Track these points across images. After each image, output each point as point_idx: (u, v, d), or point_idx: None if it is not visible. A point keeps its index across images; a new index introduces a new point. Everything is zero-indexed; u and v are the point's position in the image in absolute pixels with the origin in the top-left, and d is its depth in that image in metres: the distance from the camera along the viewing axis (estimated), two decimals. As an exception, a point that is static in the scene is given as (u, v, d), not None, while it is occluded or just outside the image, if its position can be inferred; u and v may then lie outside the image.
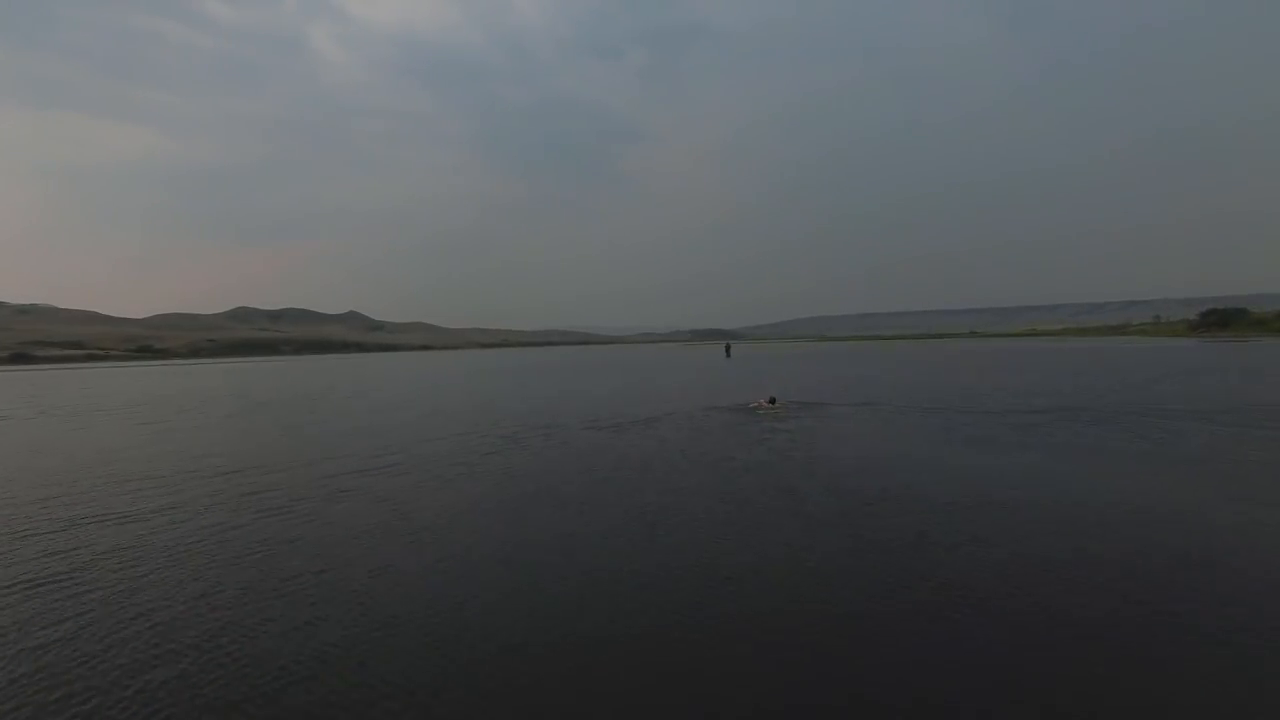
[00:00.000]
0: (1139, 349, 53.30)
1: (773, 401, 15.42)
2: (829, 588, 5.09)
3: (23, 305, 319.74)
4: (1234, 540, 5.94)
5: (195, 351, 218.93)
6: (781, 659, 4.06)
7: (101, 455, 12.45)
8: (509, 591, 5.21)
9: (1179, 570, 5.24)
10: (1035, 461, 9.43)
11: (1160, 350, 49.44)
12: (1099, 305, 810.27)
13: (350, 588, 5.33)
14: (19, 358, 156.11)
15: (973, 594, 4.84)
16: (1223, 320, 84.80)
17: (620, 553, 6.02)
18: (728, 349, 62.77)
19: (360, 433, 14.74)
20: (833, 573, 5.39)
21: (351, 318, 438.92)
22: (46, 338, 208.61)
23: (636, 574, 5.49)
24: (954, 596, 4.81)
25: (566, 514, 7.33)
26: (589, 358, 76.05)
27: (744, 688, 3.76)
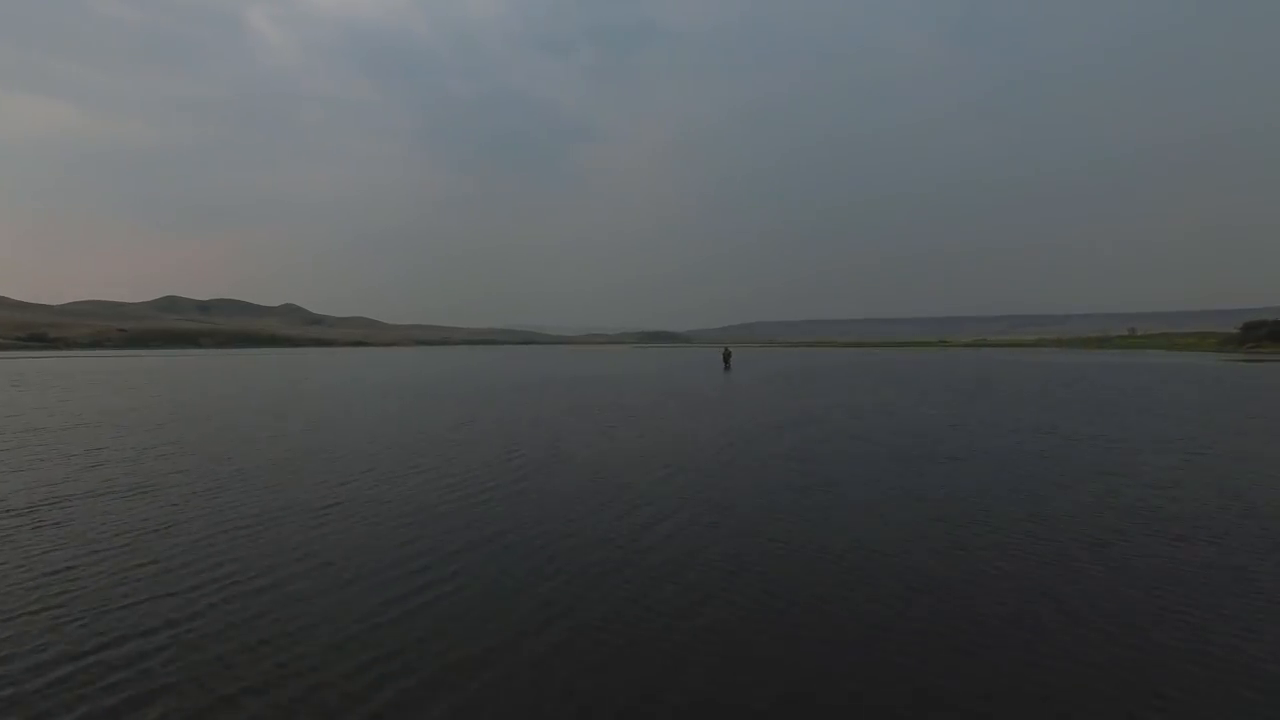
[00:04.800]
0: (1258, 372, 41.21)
1: None
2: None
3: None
4: None
5: (99, 342, 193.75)
6: None
7: None
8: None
9: None
10: None
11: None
12: (1036, 317, 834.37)
13: None
14: None
15: None
16: (1276, 334, 73.30)
17: None
18: (726, 358, 48.01)
19: None
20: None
21: (288, 310, 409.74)
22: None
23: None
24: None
25: None
26: (532, 364, 60.83)
27: None
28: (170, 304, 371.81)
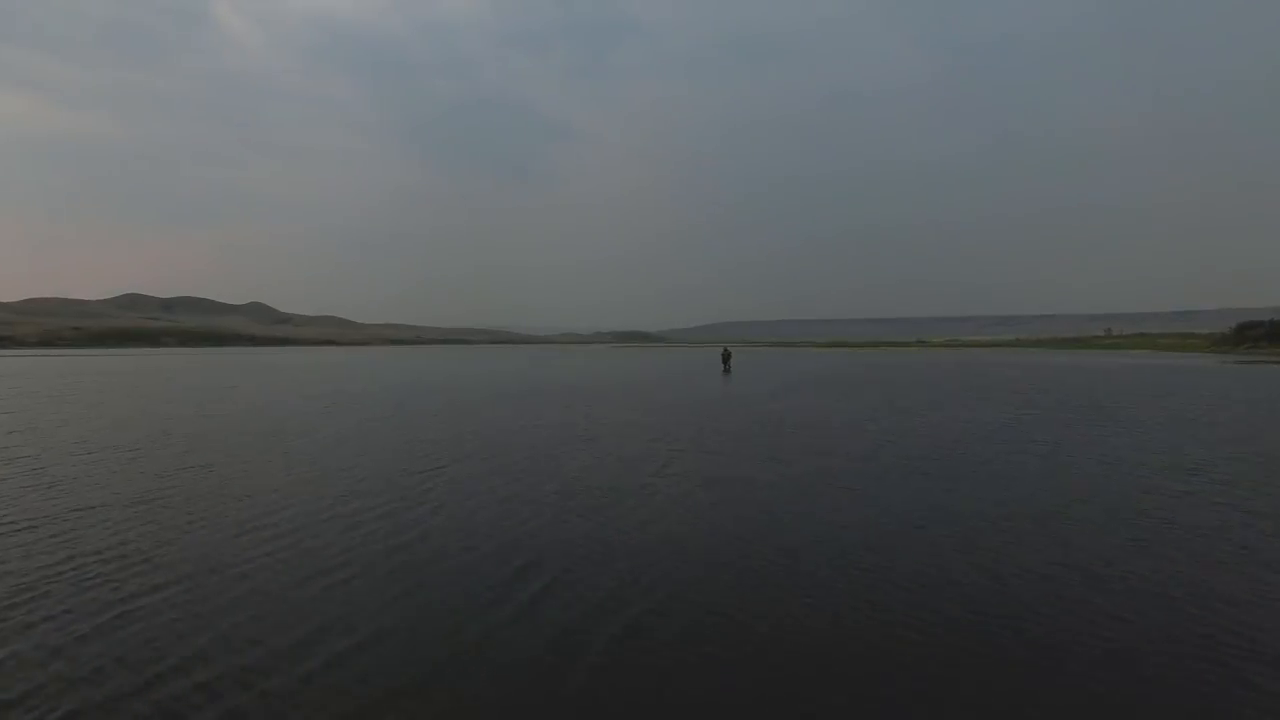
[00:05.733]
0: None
1: None
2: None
3: None
4: None
5: (50, 341, 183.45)
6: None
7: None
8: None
9: None
10: None
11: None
12: (1005, 318, 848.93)
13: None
14: None
15: None
16: (1275, 334, 70.93)
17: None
18: (726, 360, 43.47)
19: None
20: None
21: (254, 309, 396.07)
22: None
23: None
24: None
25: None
26: (513, 367, 56.40)
27: None
28: (131, 302, 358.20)
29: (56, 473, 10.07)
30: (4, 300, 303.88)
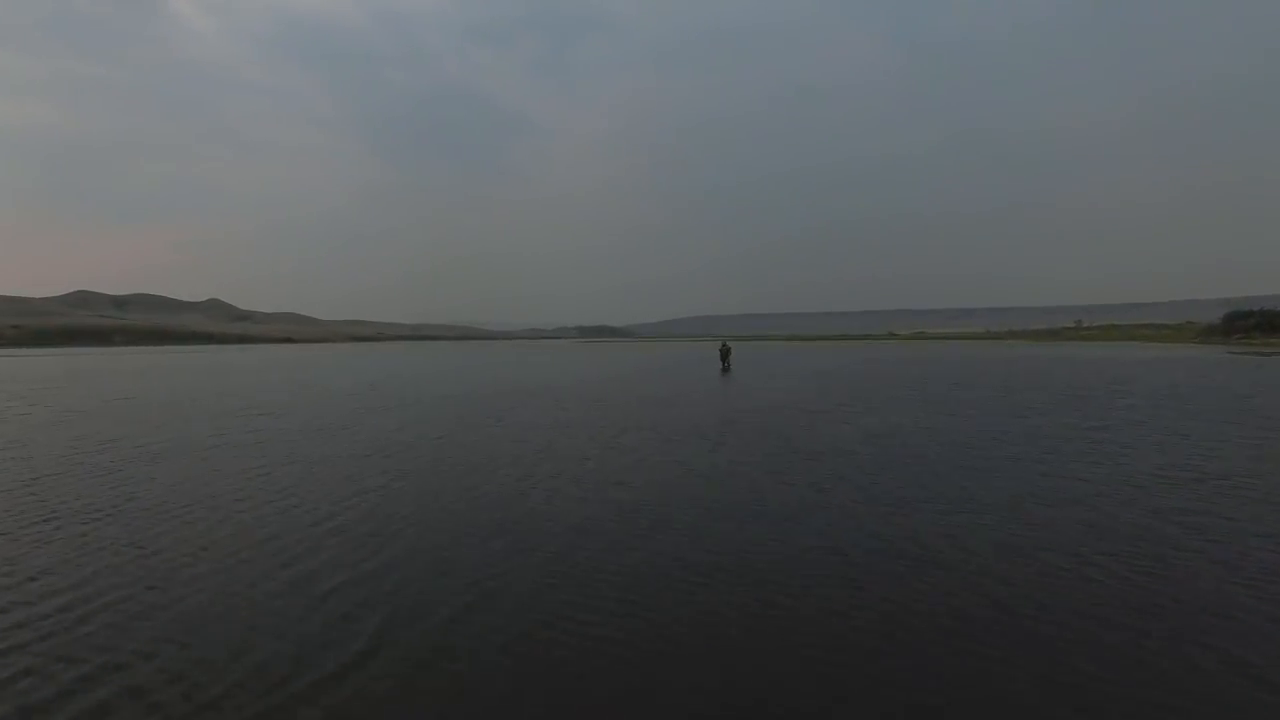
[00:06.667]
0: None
1: None
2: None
3: None
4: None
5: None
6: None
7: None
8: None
9: None
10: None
11: None
12: (970, 310, 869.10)
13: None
14: None
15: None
16: (1269, 324, 68.28)
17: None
18: (725, 356, 39.08)
19: None
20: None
21: (213, 306, 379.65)
22: None
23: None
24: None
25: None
26: (480, 364, 51.67)
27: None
28: (82, 299, 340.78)
29: None
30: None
